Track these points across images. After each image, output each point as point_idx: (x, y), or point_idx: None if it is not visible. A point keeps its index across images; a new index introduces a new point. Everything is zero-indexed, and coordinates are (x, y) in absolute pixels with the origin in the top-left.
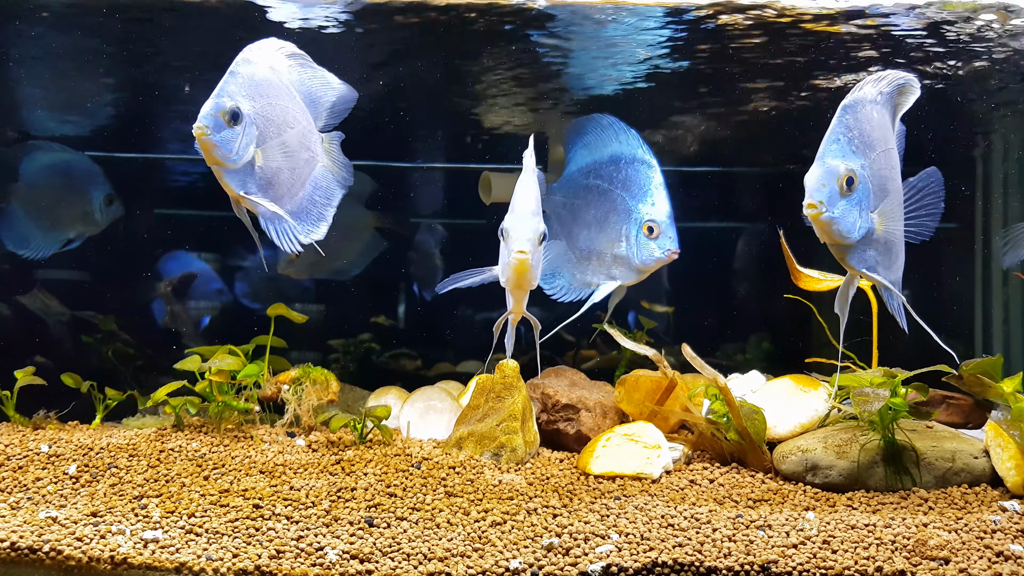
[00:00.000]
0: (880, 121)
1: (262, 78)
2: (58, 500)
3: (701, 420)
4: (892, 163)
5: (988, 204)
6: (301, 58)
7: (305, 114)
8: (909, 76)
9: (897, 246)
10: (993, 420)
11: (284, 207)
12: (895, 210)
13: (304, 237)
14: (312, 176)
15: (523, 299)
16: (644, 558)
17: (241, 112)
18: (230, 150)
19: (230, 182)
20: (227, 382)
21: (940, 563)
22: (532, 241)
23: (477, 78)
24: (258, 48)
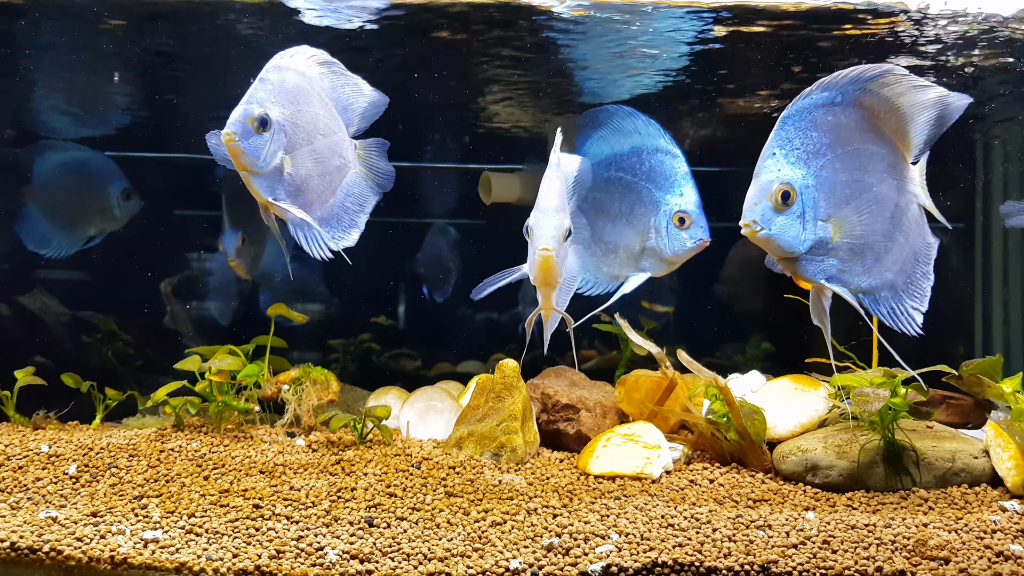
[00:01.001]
0: (838, 123)
1: (292, 85)
2: (58, 500)
3: (701, 420)
4: (859, 164)
5: (988, 204)
6: (334, 65)
7: (337, 121)
8: (879, 67)
9: (878, 247)
10: (993, 420)
11: (314, 213)
12: (864, 212)
13: (335, 244)
14: (344, 183)
15: (550, 295)
16: (644, 558)
17: (270, 119)
18: (258, 156)
19: (259, 188)
20: (227, 382)
21: (940, 563)
22: (556, 238)
23: (480, 76)
24: (289, 55)
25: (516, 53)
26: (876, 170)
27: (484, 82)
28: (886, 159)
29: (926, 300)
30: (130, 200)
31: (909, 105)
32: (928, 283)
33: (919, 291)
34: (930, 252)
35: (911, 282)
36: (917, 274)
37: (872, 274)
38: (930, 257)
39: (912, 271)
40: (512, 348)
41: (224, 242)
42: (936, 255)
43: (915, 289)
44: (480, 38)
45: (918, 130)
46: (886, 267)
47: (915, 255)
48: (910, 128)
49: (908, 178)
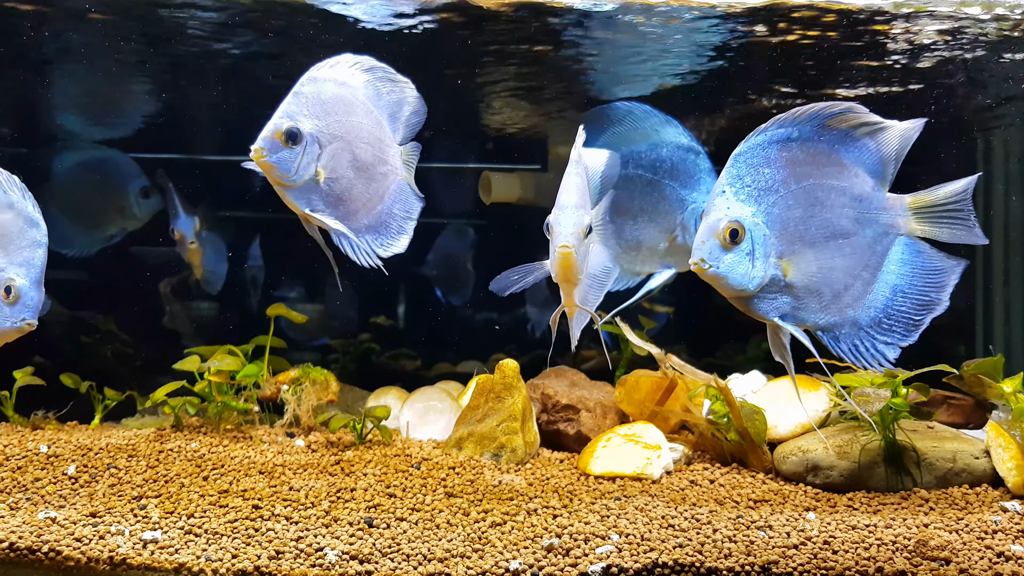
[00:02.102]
0: (793, 159)
1: (330, 96)
2: (57, 500)
3: (702, 420)
4: (816, 200)
5: (989, 204)
6: (380, 71)
7: (383, 128)
8: (839, 105)
9: (836, 283)
10: (994, 420)
11: (359, 222)
12: (819, 248)
13: (384, 251)
14: (392, 189)
15: (572, 292)
16: (644, 559)
17: (300, 132)
18: (289, 169)
19: (294, 200)
20: (226, 382)
21: (941, 563)
22: (576, 235)
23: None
24: (328, 65)
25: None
26: (836, 205)
27: (507, 79)
28: (848, 193)
29: (914, 332)
30: (149, 198)
31: (872, 140)
32: (926, 314)
33: (900, 325)
34: (942, 279)
35: (886, 317)
36: (900, 307)
37: (830, 311)
38: (942, 284)
39: (889, 305)
40: (512, 348)
41: (181, 227)
42: (957, 280)
43: (892, 324)
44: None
45: (887, 164)
46: (846, 303)
47: (893, 288)
48: (877, 162)
49: (883, 210)
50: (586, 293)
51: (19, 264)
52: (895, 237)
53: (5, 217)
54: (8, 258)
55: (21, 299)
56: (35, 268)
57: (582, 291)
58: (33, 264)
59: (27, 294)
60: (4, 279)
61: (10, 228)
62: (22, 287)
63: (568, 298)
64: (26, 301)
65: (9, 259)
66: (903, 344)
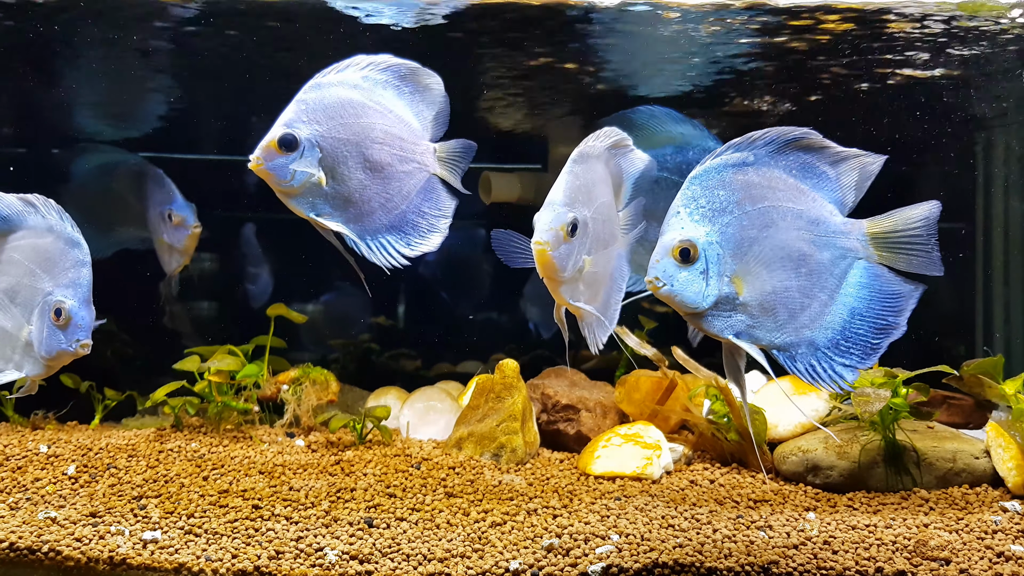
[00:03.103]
0: (749, 182)
1: (334, 100)
2: (57, 500)
3: (702, 420)
4: (770, 221)
5: (989, 204)
6: (402, 69)
7: (406, 126)
8: (795, 131)
9: (792, 303)
10: (994, 420)
11: (378, 222)
12: (773, 269)
13: (411, 250)
14: (421, 187)
15: (557, 289)
16: (644, 559)
17: (296, 138)
18: (285, 176)
19: (296, 206)
20: (226, 382)
21: (941, 564)
22: (552, 232)
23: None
24: (336, 70)
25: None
26: (791, 227)
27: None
28: (804, 216)
29: (872, 355)
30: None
31: (830, 168)
32: (884, 338)
33: (858, 348)
34: (900, 303)
35: (844, 339)
36: (857, 330)
37: (785, 331)
38: (899, 308)
39: (846, 327)
40: (512, 348)
41: (180, 211)
42: (915, 304)
43: (850, 346)
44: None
45: (845, 190)
46: (802, 324)
47: (852, 310)
48: (835, 187)
49: (840, 234)
50: (608, 296)
51: (66, 286)
52: (853, 260)
53: (46, 241)
54: (54, 281)
55: (73, 320)
56: (82, 288)
57: (602, 293)
58: (79, 284)
59: (77, 315)
60: (54, 302)
61: (52, 251)
62: (72, 308)
63: (556, 295)
64: (78, 322)
65: (56, 281)
66: (861, 367)
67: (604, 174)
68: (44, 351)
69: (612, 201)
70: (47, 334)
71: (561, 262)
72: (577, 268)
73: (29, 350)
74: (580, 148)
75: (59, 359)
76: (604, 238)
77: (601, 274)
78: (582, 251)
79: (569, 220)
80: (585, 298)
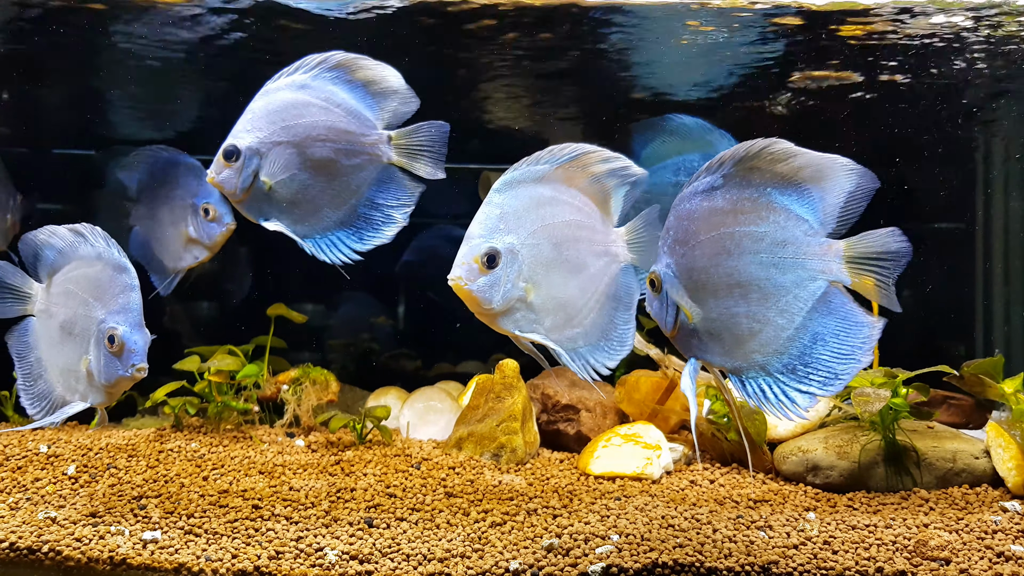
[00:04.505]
0: (713, 207)
1: (278, 104)
2: (57, 500)
3: (702, 420)
4: (722, 248)
5: (989, 203)
6: (351, 64)
7: (354, 119)
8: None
9: (739, 330)
10: (994, 420)
11: (326, 220)
12: (717, 296)
13: (363, 245)
14: (373, 179)
15: (493, 322)
16: (644, 559)
17: (236, 148)
18: (231, 186)
19: (247, 213)
20: (226, 382)
21: (941, 564)
22: (465, 265)
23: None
24: (287, 72)
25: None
26: (747, 252)
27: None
28: (767, 238)
29: (834, 383)
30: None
31: (806, 179)
32: (849, 365)
33: (819, 374)
34: (866, 333)
35: (802, 364)
36: (819, 355)
37: (734, 355)
38: (866, 338)
39: (806, 352)
40: (512, 348)
41: (220, 207)
42: (878, 336)
43: (810, 371)
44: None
45: (827, 204)
46: (752, 349)
47: (815, 335)
48: (812, 200)
49: (814, 255)
50: (610, 317)
51: (116, 312)
52: (824, 283)
53: (95, 269)
54: (105, 308)
55: (126, 346)
56: (132, 312)
57: (607, 318)
58: (129, 309)
59: (130, 340)
60: (107, 330)
61: (102, 278)
62: (124, 334)
63: (495, 328)
64: (131, 347)
65: (107, 309)
66: (823, 394)
67: (555, 195)
68: (103, 379)
69: (578, 219)
70: (104, 362)
71: (484, 294)
72: (513, 297)
73: (91, 379)
74: (505, 175)
75: (118, 386)
76: (568, 260)
77: (584, 297)
78: (515, 279)
79: (484, 251)
80: (554, 325)
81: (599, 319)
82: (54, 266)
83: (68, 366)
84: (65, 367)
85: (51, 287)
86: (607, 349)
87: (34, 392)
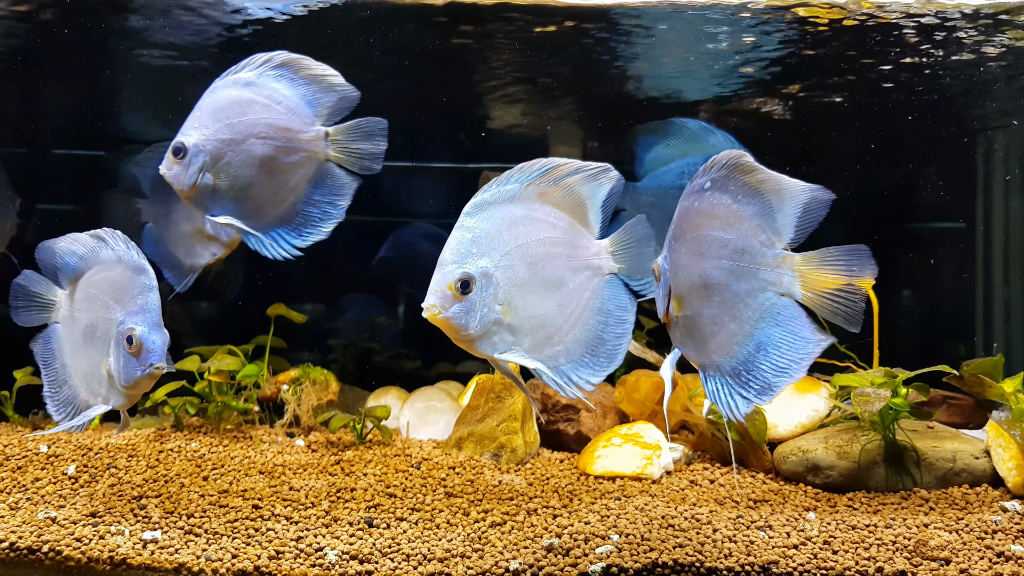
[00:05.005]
0: (698, 208)
1: (225, 101)
2: (57, 500)
3: (701, 420)
4: (698, 249)
5: (989, 203)
6: (294, 64)
7: (295, 117)
8: (735, 154)
9: (704, 331)
10: (994, 420)
11: (268, 216)
12: (690, 295)
13: (302, 241)
14: (310, 175)
15: (471, 347)
16: (644, 559)
17: (183, 146)
18: (180, 183)
19: (196, 208)
20: (226, 382)
21: (941, 563)
22: (439, 293)
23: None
24: (233, 71)
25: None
26: (715, 256)
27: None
28: (731, 245)
29: (768, 394)
30: None
31: (772, 193)
32: (781, 378)
33: (757, 383)
34: (806, 349)
35: (746, 371)
36: (760, 364)
37: (700, 352)
38: (803, 354)
39: (750, 360)
40: None
41: None
42: (819, 352)
43: (751, 379)
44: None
45: (782, 219)
46: (711, 349)
47: (757, 344)
48: (772, 217)
49: (765, 267)
50: (599, 331)
51: (135, 313)
52: (773, 295)
53: (115, 272)
54: (124, 309)
55: (144, 346)
56: (151, 313)
57: (591, 333)
58: (147, 309)
59: (148, 339)
60: (125, 330)
61: (121, 280)
62: (143, 334)
63: (473, 352)
64: (149, 347)
65: (126, 310)
66: (758, 402)
67: (527, 213)
68: (123, 380)
69: (554, 236)
70: (123, 363)
71: (460, 320)
72: (490, 321)
73: (112, 382)
74: (475, 198)
75: (137, 386)
76: (545, 278)
77: (565, 313)
78: (491, 303)
79: (457, 277)
80: (534, 344)
81: (583, 335)
82: (76, 272)
83: (91, 370)
84: (88, 371)
85: (74, 293)
86: (592, 365)
87: (59, 398)
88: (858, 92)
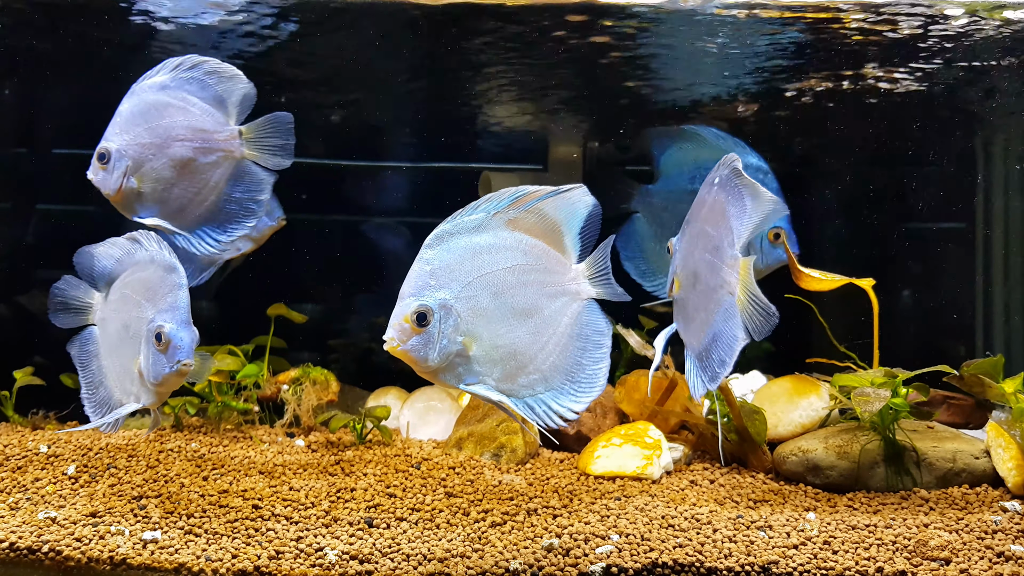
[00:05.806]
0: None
1: (142, 106)
2: (57, 500)
3: (701, 420)
4: (694, 243)
5: (989, 203)
6: (204, 66)
7: (210, 118)
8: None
9: (711, 308)
10: (994, 420)
11: (191, 215)
12: (686, 282)
13: (227, 236)
14: (229, 174)
15: (435, 378)
16: (644, 559)
17: (107, 151)
18: (106, 187)
19: (124, 212)
20: (226, 382)
21: (941, 564)
22: (397, 327)
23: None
24: (148, 76)
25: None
26: (703, 248)
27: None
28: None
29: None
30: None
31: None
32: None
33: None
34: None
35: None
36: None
37: (699, 333)
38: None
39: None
40: None
41: (271, 201)
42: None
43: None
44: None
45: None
46: (707, 325)
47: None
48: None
49: (721, 267)
50: (579, 357)
51: (165, 311)
52: (727, 293)
53: (148, 272)
54: (155, 307)
55: (172, 343)
56: (180, 310)
57: (571, 360)
58: (177, 307)
59: (176, 336)
60: (154, 327)
61: (153, 280)
62: (171, 331)
63: (438, 384)
64: (177, 344)
65: (156, 308)
66: (710, 387)
67: (494, 242)
68: (152, 377)
69: (524, 263)
70: (152, 360)
71: (419, 353)
72: (451, 353)
73: (143, 380)
74: (437, 229)
75: (166, 383)
76: (514, 307)
77: (540, 341)
78: (451, 334)
79: (413, 310)
80: (506, 374)
81: (561, 362)
82: (112, 275)
83: (125, 370)
84: (122, 371)
85: (109, 295)
86: (573, 392)
87: (96, 399)
88: (858, 92)
